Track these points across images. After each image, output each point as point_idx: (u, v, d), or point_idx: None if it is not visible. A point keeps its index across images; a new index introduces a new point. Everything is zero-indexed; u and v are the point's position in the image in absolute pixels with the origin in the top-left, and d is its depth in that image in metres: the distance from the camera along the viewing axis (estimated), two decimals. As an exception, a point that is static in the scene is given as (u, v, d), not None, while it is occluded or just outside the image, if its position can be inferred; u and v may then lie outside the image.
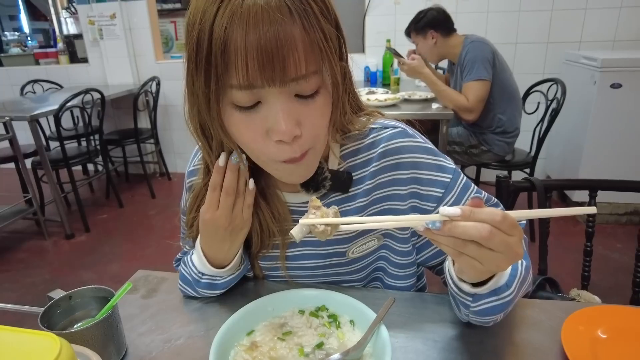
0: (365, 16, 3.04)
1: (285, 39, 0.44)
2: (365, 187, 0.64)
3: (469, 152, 2.29)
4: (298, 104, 0.49)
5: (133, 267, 0.82)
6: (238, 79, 0.45)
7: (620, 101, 2.34)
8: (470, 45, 2.09)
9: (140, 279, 0.77)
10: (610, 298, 1.91)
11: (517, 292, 0.53)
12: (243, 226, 0.63)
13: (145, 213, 3.06)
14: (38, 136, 2.50)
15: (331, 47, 0.49)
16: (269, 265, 0.71)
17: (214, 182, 0.59)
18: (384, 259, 0.70)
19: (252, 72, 0.44)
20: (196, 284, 0.67)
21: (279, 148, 0.50)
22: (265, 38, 0.43)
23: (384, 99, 2.19)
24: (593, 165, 2.49)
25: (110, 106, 3.56)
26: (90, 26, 3.42)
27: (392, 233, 0.67)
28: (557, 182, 0.89)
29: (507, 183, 0.82)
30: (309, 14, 0.46)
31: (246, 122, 0.50)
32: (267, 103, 0.48)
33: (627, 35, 2.77)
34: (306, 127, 0.50)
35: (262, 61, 0.44)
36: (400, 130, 0.65)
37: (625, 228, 2.48)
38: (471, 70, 2.05)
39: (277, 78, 0.45)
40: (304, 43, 0.45)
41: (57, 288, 0.59)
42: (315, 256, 0.68)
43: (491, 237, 0.40)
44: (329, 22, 0.49)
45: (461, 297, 0.54)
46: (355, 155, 0.65)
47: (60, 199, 2.66)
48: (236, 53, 0.44)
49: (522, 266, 0.55)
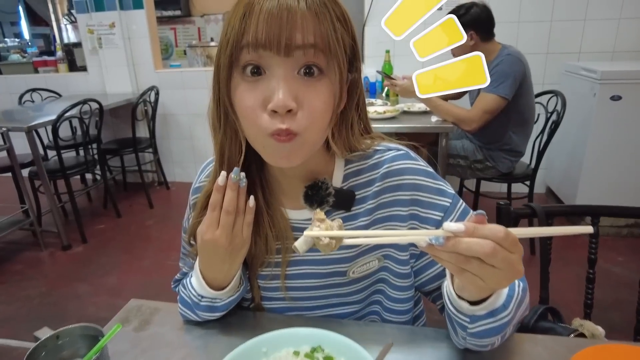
0: (365, 26, 3.04)
1: (296, 12, 0.48)
2: (367, 207, 0.65)
3: (473, 167, 2.26)
4: (300, 81, 0.51)
5: (130, 279, 0.81)
6: (248, 37, 0.49)
7: (620, 113, 2.33)
8: (507, 58, 1.97)
9: (132, 309, 0.75)
10: (612, 321, 1.88)
11: (514, 313, 0.53)
12: (243, 245, 0.62)
13: (142, 223, 3.03)
14: (35, 147, 2.48)
15: (340, 44, 0.52)
16: (268, 285, 0.70)
17: (214, 202, 0.59)
18: (384, 281, 0.70)
19: (261, 33, 0.48)
20: (196, 307, 0.67)
21: (271, 119, 0.51)
22: (279, 7, 0.48)
23: (383, 110, 2.18)
24: (593, 178, 2.48)
25: (109, 115, 3.55)
26: (90, 35, 3.41)
27: (392, 255, 0.67)
28: (559, 209, 0.88)
29: (507, 210, 0.81)
30: (324, 10, 0.50)
31: (249, 91, 0.52)
32: (270, 72, 0.51)
33: (626, 47, 2.77)
34: (303, 106, 0.51)
35: (271, 25, 0.48)
36: (403, 152, 0.66)
37: (626, 240, 2.46)
38: (496, 82, 1.94)
39: (282, 42, 0.48)
40: (314, 23, 0.49)
41: (44, 326, 0.57)
42: (315, 275, 0.68)
43: (494, 254, 0.40)
44: (343, 26, 0.53)
45: (459, 318, 0.54)
46: (359, 174, 0.66)
47: (56, 210, 2.64)
48: (251, 15, 0.49)
49: (519, 287, 0.54)
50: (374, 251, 0.67)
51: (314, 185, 0.63)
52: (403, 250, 0.67)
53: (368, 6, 2.99)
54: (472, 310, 0.51)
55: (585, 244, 0.84)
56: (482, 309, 0.51)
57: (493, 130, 2.11)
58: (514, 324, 0.56)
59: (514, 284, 0.53)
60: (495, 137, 2.15)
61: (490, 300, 0.50)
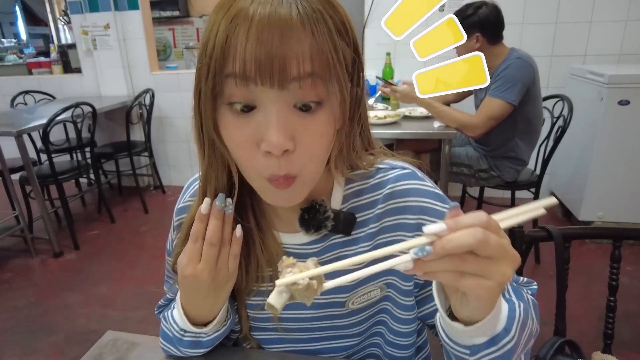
0: (365, 28, 2.97)
1: (289, 37, 0.41)
2: (369, 231, 0.59)
3: (477, 176, 2.17)
4: (297, 116, 0.45)
5: (122, 289, 0.74)
6: (234, 67, 0.42)
7: (628, 118, 2.26)
8: (516, 62, 1.87)
9: (107, 343, 0.68)
10: (622, 335, 1.80)
11: (519, 338, 0.46)
12: (228, 280, 0.56)
13: (137, 229, 2.96)
14: (25, 152, 2.41)
15: (342, 63, 0.45)
16: (258, 315, 0.64)
17: (196, 232, 0.53)
18: (386, 311, 0.63)
19: (249, 65, 0.41)
20: (178, 343, 0.61)
21: (266, 161, 0.45)
22: (268, 34, 0.41)
23: (384, 115, 2.11)
24: (600, 185, 2.41)
25: (103, 118, 3.48)
26: (84, 36, 3.34)
27: (395, 284, 0.61)
28: (577, 231, 0.80)
29: (521, 234, 0.73)
30: (320, 23, 0.43)
31: (238, 127, 0.46)
32: (262, 108, 0.44)
33: (633, 49, 2.70)
34: (301, 144, 0.45)
35: (260, 56, 0.41)
36: (409, 172, 0.60)
37: (634, 249, 2.38)
38: (503, 87, 1.85)
39: (275, 77, 0.42)
40: (311, 48, 0.42)
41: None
42: (310, 306, 0.60)
43: (487, 239, 0.36)
44: (344, 40, 0.46)
45: (457, 351, 0.47)
46: (360, 195, 0.60)
47: (47, 216, 2.57)
48: (235, 46, 0.42)
49: (519, 308, 0.47)
50: (376, 279, 0.60)
51: (311, 207, 0.57)
52: (407, 280, 0.60)
53: (368, 8, 2.92)
54: (470, 335, 0.44)
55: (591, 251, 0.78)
56: (479, 332, 0.44)
57: (498, 137, 2.02)
58: (523, 353, 0.49)
59: (513, 304, 0.46)
60: (501, 144, 2.06)
61: (488, 320, 0.43)
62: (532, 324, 0.50)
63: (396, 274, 0.60)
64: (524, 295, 0.51)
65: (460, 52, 0.92)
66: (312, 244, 0.59)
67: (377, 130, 1.97)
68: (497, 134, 1.99)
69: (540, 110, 2.06)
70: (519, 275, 0.63)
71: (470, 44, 1.92)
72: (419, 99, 1.94)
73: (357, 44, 0.49)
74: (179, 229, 0.63)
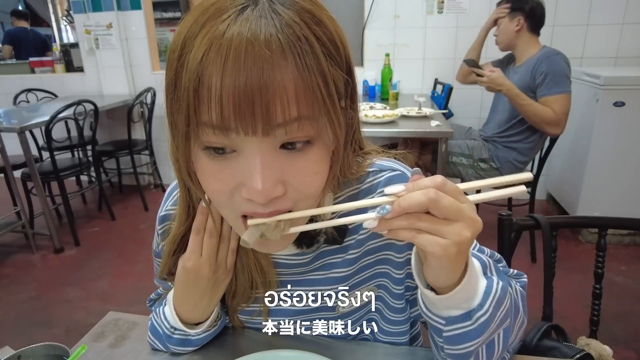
0: (365, 29, 3.00)
1: (271, 79, 0.36)
2: (358, 237, 0.58)
3: (476, 166, 2.20)
4: (284, 157, 0.40)
5: (122, 284, 0.76)
6: (210, 117, 0.37)
7: (624, 120, 2.29)
8: (553, 58, 1.98)
9: (109, 323, 0.71)
10: (616, 333, 1.82)
11: (492, 313, 0.46)
12: (226, 277, 0.57)
13: (137, 227, 2.99)
14: (28, 148, 2.44)
15: (333, 96, 0.40)
16: (248, 320, 0.66)
17: (198, 225, 0.54)
18: (377, 311, 0.64)
19: (227, 113, 0.36)
20: (167, 340, 0.61)
21: (248, 204, 0.42)
22: (246, 76, 0.35)
23: (382, 115, 2.14)
24: (595, 185, 2.43)
25: (105, 116, 3.51)
26: (87, 35, 3.38)
27: (386, 285, 0.61)
28: (564, 220, 0.83)
29: (509, 222, 0.76)
30: (307, 54, 0.37)
31: (215, 172, 0.41)
32: (243, 154, 0.40)
33: (629, 52, 2.73)
34: (292, 184, 0.42)
35: (240, 103, 0.36)
36: (398, 173, 0.58)
37: (629, 249, 2.41)
38: (561, 82, 1.94)
39: (257, 125, 0.37)
40: (297, 86, 0.37)
41: (5, 345, 0.53)
42: (301, 312, 0.62)
43: (438, 198, 0.38)
44: (335, 64, 0.41)
45: (434, 321, 0.49)
46: (351, 201, 0.56)
47: (49, 212, 2.59)
48: (209, 90, 0.36)
49: (497, 285, 0.47)
50: (367, 283, 0.61)
51: None
52: (398, 283, 0.60)
53: (368, 9, 2.96)
54: (445, 306, 0.46)
55: (587, 251, 0.80)
56: (453, 303, 0.45)
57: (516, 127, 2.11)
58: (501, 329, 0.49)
59: (492, 281, 0.47)
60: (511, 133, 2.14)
61: (459, 290, 0.44)
62: (512, 306, 0.50)
63: (388, 277, 0.60)
64: (508, 280, 0.51)
65: (500, 29, 0.93)
66: (302, 254, 0.59)
67: (376, 129, 2.00)
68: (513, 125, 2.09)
69: None
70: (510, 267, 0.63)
71: (511, 25, 2.06)
72: (505, 86, 1.98)
73: (350, 61, 0.44)
74: (163, 236, 0.62)
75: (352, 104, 0.47)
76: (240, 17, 0.37)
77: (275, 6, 0.38)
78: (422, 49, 2.97)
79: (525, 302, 0.55)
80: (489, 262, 0.52)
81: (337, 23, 0.43)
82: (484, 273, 0.49)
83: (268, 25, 0.37)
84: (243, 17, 0.37)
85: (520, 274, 0.61)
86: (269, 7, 0.38)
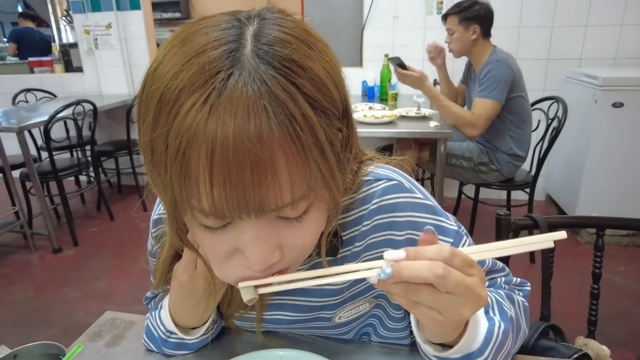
0: (364, 30, 3.00)
1: (264, 173, 0.33)
2: (354, 249, 0.55)
3: (477, 169, 2.21)
4: (281, 224, 0.39)
5: (120, 284, 0.76)
6: (201, 204, 0.35)
7: (622, 120, 2.29)
8: (497, 64, 1.99)
9: (106, 322, 0.70)
10: (615, 334, 1.82)
11: (493, 359, 0.47)
12: (222, 287, 0.56)
13: (136, 227, 2.97)
14: (26, 148, 2.43)
15: (330, 161, 0.37)
16: (244, 325, 0.65)
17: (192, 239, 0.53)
18: (377, 317, 0.63)
19: (220, 205, 0.34)
20: (163, 344, 0.61)
21: (245, 269, 0.41)
22: (237, 174, 0.32)
23: (381, 115, 2.14)
24: (594, 186, 2.44)
25: (104, 117, 3.51)
26: (86, 35, 3.38)
27: (385, 295, 0.61)
28: (562, 220, 0.83)
29: (507, 221, 0.76)
30: (300, 138, 0.34)
31: (209, 239, 0.40)
32: (239, 227, 0.38)
33: (628, 53, 2.74)
34: (290, 246, 0.41)
35: (232, 198, 0.34)
36: (395, 183, 0.54)
37: (628, 250, 2.41)
38: (489, 88, 1.97)
39: (251, 213, 0.35)
40: (291, 173, 0.34)
41: (1, 345, 0.52)
42: (296, 321, 0.61)
43: (447, 275, 0.35)
44: (333, 117, 0.38)
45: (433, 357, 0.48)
46: (345, 212, 0.54)
47: (47, 212, 2.59)
48: (197, 183, 0.34)
49: (498, 329, 0.47)
50: (365, 294, 0.59)
51: None
52: None
53: (367, 10, 2.96)
54: (444, 355, 0.46)
55: (586, 252, 0.80)
56: (453, 353, 0.45)
57: (492, 135, 2.11)
58: None
59: (493, 325, 0.46)
60: (498, 142, 2.14)
61: (462, 342, 0.44)
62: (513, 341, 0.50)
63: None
64: (507, 313, 0.51)
65: (455, 40, 0.91)
66: None
67: (374, 129, 2.00)
68: (490, 133, 2.09)
69: (526, 105, 2.13)
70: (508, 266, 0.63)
71: (467, 34, 2.07)
72: (426, 86, 2.03)
73: (347, 106, 0.41)
74: (157, 239, 0.61)
75: (350, 147, 0.44)
76: (224, 94, 0.32)
77: (260, 68, 0.33)
78: (421, 50, 2.97)
79: (528, 314, 0.55)
80: (492, 299, 0.51)
81: (332, 55, 0.40)
82: (485, 312, 0.49)
83: (259, 120, 0.32)
84: (225, 96, 0.32)
85: (524, 282, 0.60)
86: (255, 70, 0.33)
